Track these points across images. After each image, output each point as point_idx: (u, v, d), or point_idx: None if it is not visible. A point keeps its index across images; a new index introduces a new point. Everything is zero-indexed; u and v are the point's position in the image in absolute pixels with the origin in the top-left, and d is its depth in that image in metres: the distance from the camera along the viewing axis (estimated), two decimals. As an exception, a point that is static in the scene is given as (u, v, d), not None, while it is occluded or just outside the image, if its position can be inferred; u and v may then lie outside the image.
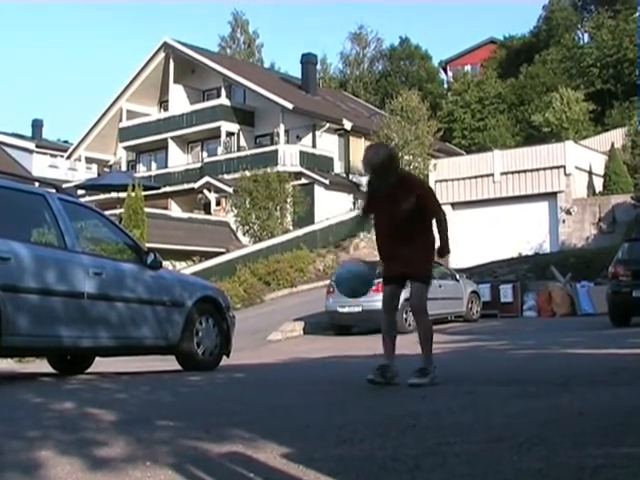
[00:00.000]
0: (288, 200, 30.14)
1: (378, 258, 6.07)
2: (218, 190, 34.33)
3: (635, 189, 27.47)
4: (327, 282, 18.60)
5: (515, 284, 20.25)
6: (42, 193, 6.98)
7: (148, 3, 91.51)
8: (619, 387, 5.01)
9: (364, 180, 35.14)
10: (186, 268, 24.43)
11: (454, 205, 29.60)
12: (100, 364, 8.41)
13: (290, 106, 34.07)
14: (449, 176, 29.96)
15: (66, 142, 53.01)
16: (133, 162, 42.06)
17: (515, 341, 11.82)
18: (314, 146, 35.03)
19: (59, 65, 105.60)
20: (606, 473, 2.58)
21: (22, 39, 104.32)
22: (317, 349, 13.01)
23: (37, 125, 52.65)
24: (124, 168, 40.13)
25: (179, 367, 7.89)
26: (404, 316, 16.20)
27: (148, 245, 12.87)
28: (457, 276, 18.78)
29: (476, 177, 29.46)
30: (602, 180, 28.53)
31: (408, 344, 12.43)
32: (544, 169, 28.09)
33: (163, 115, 39.92)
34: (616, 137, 33.92)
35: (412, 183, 5.94)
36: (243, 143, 37.56)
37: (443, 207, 6.08)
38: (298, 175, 33.00)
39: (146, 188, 26.95)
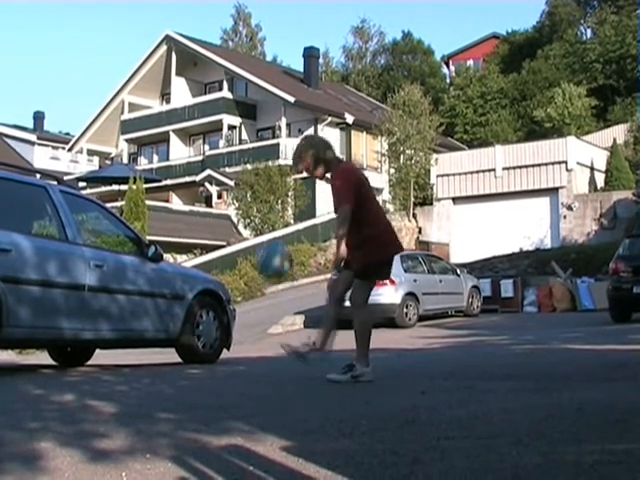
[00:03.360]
0: (289, 194, 30.15)
1: None
2: (219, 183, 34.33)
3: (637, 185, 27.46)
4: (328, 276, 18.59)
5: (516, 279, 20.26)
6: (43, 185, 6.98)
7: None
8: (618, 383, 5.01)
9: (365, 174, 35.12)
10: (187, 261, 24.45)
11: (455, 200, 29.61)
12: (100, 356, 8.42)
13: (292, 99, 34.04)
14: (451, 171, 29.94)
15: (68, 134, 53.00)
16: (135, 155, 42.05)
17: (515, 336, 11.83)
18: (316, 140, 35.01)
19: (61, 57, 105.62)
20: (604, 469, 2.59)
21: (24, 31, 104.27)
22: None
23: (39, 117, 52.63)
24: (125, 161, 40.13)
25: (179, 360, 7.90)
26: (404, 310, 16.24)
27: (149, 238, 12.88)
28: (458, 271, 18.80)
29: (478, 172, 29.45)
30: (604, 176, 28.52)
31: (406, 338, 12.46)
32: (546, 164, 28.09)
33: (165, 108, 39.90)
34: (618, 133, 33.88)
35: (336, 173, 5.72)
36: (245, 136, 37.54)
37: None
38: (299, 169, 32.98)
39: (147, 181, 26.93)
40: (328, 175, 5.77)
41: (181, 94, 39.24)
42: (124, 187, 25.33)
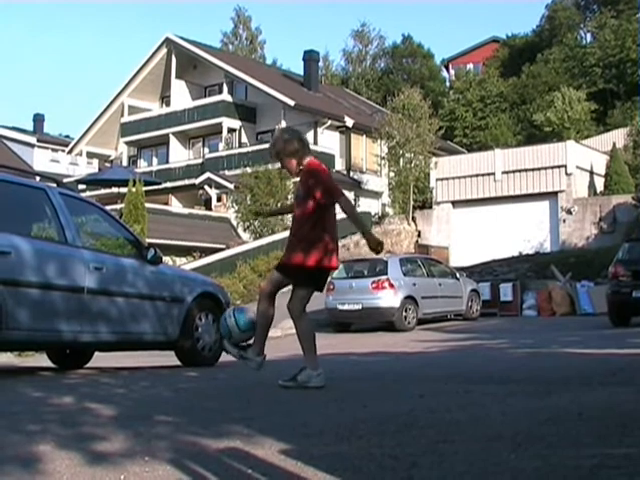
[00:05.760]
0: (289, 197, 30.11)
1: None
2: (219, 186, 34.31)
3: (636, 189, 27.45)
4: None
5: (515, 283, 20.26)
6: (43, 187, 6.99)
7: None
8: (618, 387, 5.01)
9: (365, 178, 35.19)
10: (186, 264, 24.42)
11: (455, 203, 29.61)
12: (99, 359, 8.41)
13: (292, 103, 34.05)
14: (450, 174, 29.94)
15: (67, 137, 52.98)
16: (134, 157, 42.02)
17: (514, 340, 11.82)
18: (315, 143, 34.98)
19: (61, 60, 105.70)
20: (603, 474, 2.58)
21: (24, 34, 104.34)
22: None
23: (38, 119, 52.57)
24: (125, 163, 40.08)
25: (178, 363, 7.89)
26: (403, 314, 16.23)
27: (148, 240, 12.90)
28: (457, 274, 18.80)
29: (477, 176, 29.45)
30: (603, 180, 28.52)
31: (405, 342, 12.45)
32: (545, 168, 28.08)
33: (165, 110, 39.88)
34: (618, 137, 33.88)
35: (304, 172, 5.34)
36: (244, 139, 37.52)
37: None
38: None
39: (147, 183, 26.91)
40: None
41: (181, 97, 39.22)
42: (124, 190, 25.32)
